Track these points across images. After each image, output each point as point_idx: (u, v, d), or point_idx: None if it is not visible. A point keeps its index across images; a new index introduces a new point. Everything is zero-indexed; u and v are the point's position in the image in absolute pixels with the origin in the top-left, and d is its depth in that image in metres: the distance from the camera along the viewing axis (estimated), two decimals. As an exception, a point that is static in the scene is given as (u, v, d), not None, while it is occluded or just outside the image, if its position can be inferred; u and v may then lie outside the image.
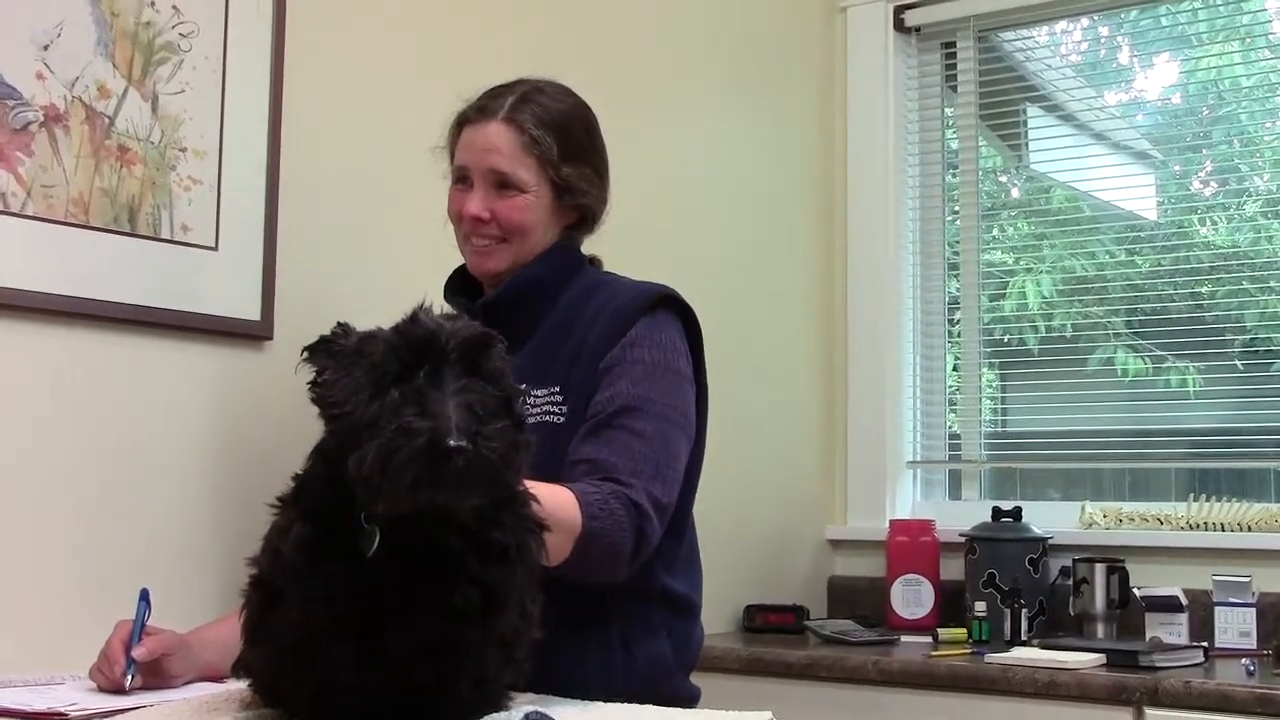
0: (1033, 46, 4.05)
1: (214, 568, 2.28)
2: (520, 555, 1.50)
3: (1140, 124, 4.00)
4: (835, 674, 3.06)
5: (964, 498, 3.89)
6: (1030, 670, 2.85)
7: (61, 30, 2.15)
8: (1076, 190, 4.02)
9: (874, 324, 3.91)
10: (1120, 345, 3.82)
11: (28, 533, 2.09)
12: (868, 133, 3.97)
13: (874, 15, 3.99)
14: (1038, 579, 3.43)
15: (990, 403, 4.01)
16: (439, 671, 1.47)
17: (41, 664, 2.04)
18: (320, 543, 1.45)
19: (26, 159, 2.09)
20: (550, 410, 2.04)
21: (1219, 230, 3.81)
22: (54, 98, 2.13)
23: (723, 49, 3.66)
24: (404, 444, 1.35)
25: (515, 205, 2.11)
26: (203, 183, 2.34)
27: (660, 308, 2.11)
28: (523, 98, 2.13)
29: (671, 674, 2.12)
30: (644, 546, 1.94)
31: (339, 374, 1.44)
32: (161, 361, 2.28)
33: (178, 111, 2.30)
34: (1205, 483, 3.59)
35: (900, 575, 3.62)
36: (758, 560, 3.67)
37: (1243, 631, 3.14)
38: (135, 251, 2.23)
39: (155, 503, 2.26)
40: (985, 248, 4.00)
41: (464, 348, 1.43)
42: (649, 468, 1.95)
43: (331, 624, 1.44)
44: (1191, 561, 3.36)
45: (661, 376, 2.03)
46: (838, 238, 3.99)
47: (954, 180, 4.01)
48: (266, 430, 2.38)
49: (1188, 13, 3.89)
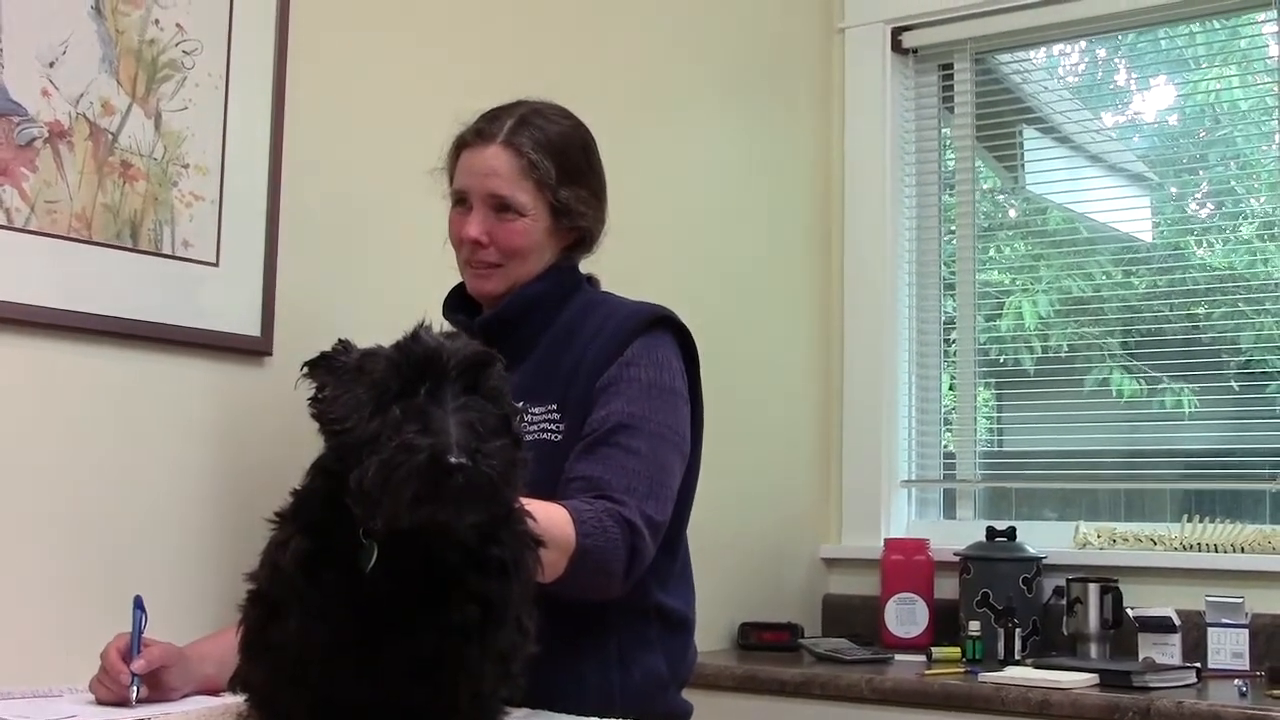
0: (1030, 68, 4.07)
1: (212, 582, 2.29)
2: (517, 570, 1.51)
3: (1137, 146, 4.01)
4: (829, 692, 3.07)
5: (959, 517, 3.90)
6: (1024, 690, 2.86)
7: (67, 48, 2.16)
8: (1073, 211, 4.04)
9: (870, 343, 3.92)
10: (1116, 366, 3.83)
11: (25, 545, 2.10)
12: (865, 153, 3.98)
13: (872, 36, 4.01)
14: (1031, 598, 3.44)
15: (985, 422, 4.03)
16: (436, 686, 1.48)
17: (39, 676, 2.04)
18: (319, 557, 1.46)
19: (31, 174, 2.11)
20: (547, 428, 2.04)
21: (1215, 252, 3.83)
22: (59, 114, 2.15)
23: (721, 70, 3.68)
24: (406, 460, 1.36)
25: (514, 229, 2.11)
26: (204, 199, 2.35)
27: (657, 327, 2.12)
28: (521, 120, 2.13)
29: (666, 690, 2.13)
30: (637, 564, 1.94)
31: (340, 390, 1.45)
32: (162, 376, 2.29)
33: (180, 128, 2.32)
34: (1199, 504, 3.59)
35: (894, 594, 3.63)
36: (752, 578, 3.68)
37: (1235, 653, 3.15)
38: (137, 267, 2.24)
39: (154, 517, 2.26)
40: (981, 268, 4.02)
41: (465, 366, 1.44)
42: (643, 486, 1.96)
43: (329, 638, 1.45)
44: (1185, 582, 3.37)
45: (657, 395, 2.04)
46: (835, 257, 4.00)
47: (951, 200, 4.02)
48: (265, 445, 2.38)
49: (1185, 36, 3.91)
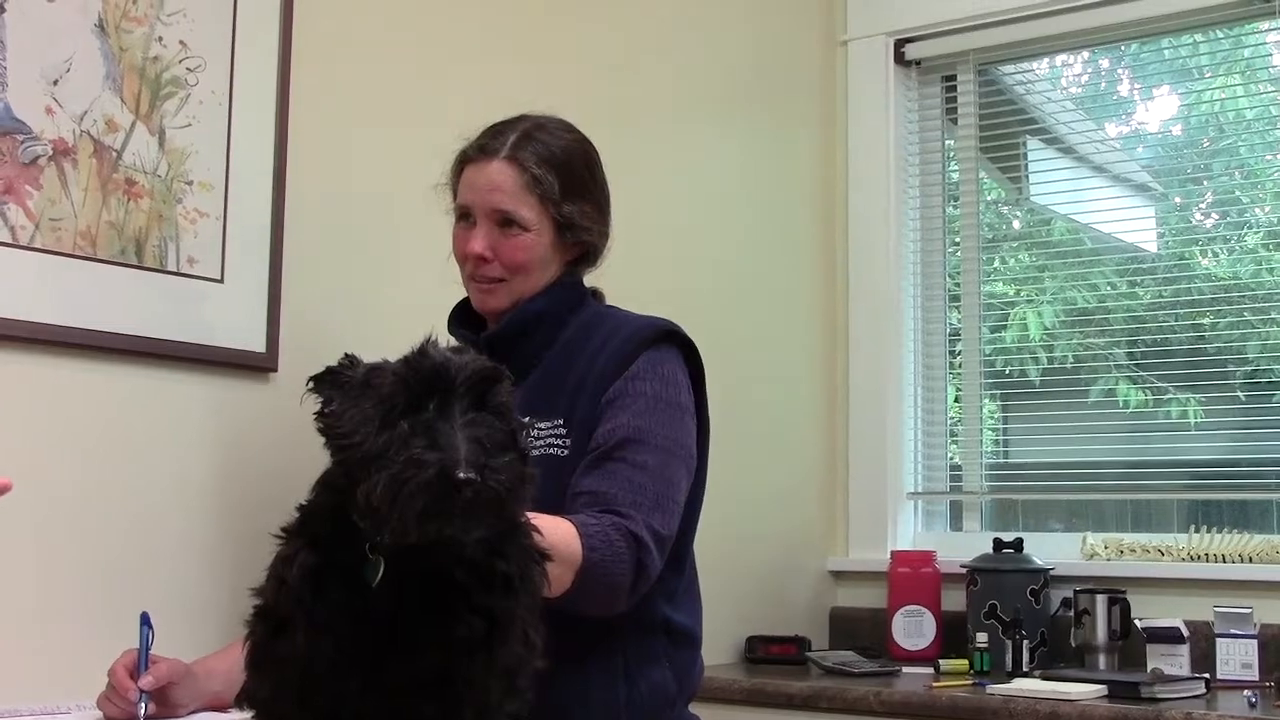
0: (1033, 79, 4.07)
1: (218, 598, 2.29)
2: (524, 584, 1.51)
3: (1141, 156, 4.01)
4: (836, 705, 3.06)
5: (965, 529, 3.89)
6: (1032, 701, 2.85)
7: (71, 65, 2.17)
8: (1077, 222, 4.04)
9: (875, 355, 3.92)
10: (1121, 376, 3.82)
11: (31, 562, 2.10)
12: (869, 165, 3.98)
13: (874, 48, 4.01)
14: (1039, 610, 3.44)
15: (991, 434, 4.02)
16: (442, 701, 1.47)
17: (46, 693, 2.04)
18: (325, 572, 1.46)
19: (35, 192, 2.11)
20: (554, 443, 2.04)
21: (1220, 262, 3.83)
22: (63, 132, 2.15)
23: (724, 82, 3.69)
24: (414, 475, 1.35)
25: (518, 244, 2.11)
26: (209, 215, 2.35)
27: (663, 341, 2.11)
28: (524, 135, 2.12)
29: (673, 704, 2.12)
30: (643, 579, 1.94)
31: (346, 405, 1.45)
32: (167, 393, 2.29)
33: (184, 145, 2.32)
34: (1207, 514, 3.59)
35: (901, 606, 3.62)
36: (759, 591, 3.67)
37: (1244, 663, 3.13)
38: (142, 284, 2.24)
39: (159, 533, 2.26)
40: (986, 279, 4.01)
41: (472, 381, 1.44)
42: (649, 500, 1.96)
43: (335, 653, 1.45)
44: (1193, 593, 3.36)
45: (663, 409, 2.04)
46: (839, 269, 4.00)
47: (955, 212, 4.02)
48: (271, 461, 2.38)
49: (1189, 45, 3.91)
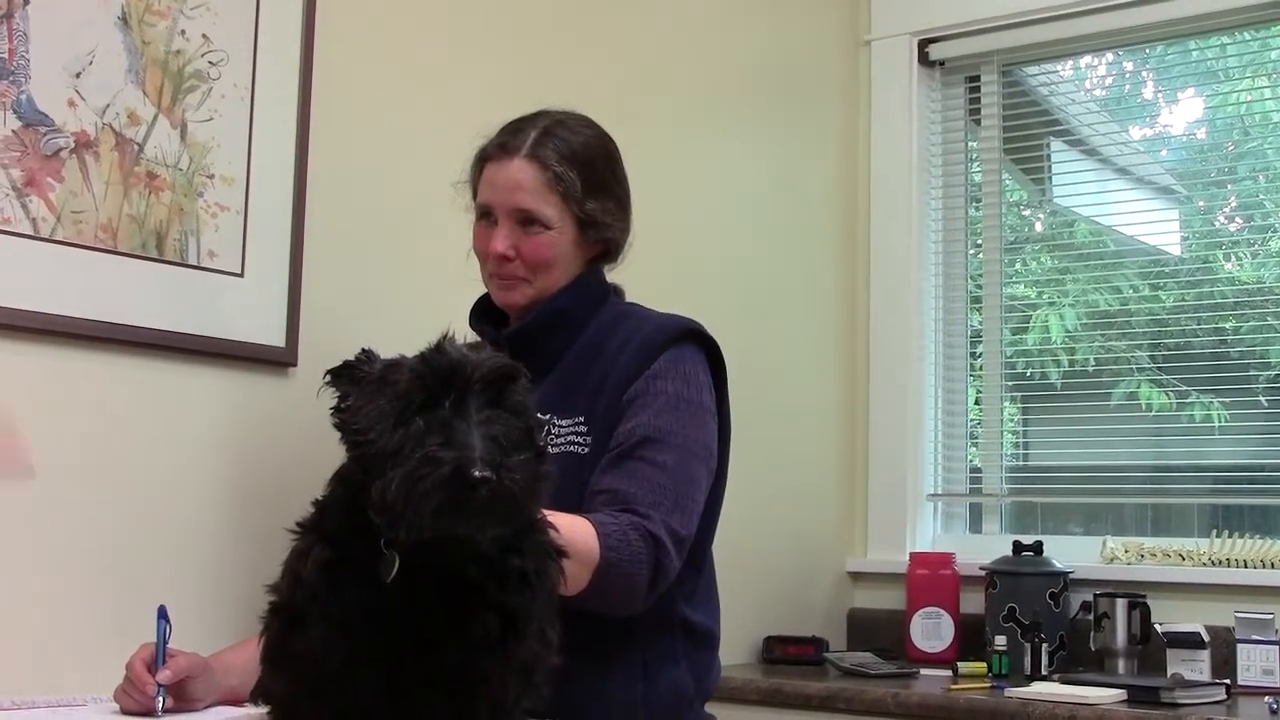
0: (1057, 81, 4.05)
1: (235, 592, 2.29)
2: (539, 581, 1.50)
3: (1165, 159, 3.99)
4: (854, 706, 3.05)
5: (985, 531, 3.88)
6: (1050, 705, 2.83)
7: (94, 58, 2.17)
8: (1100, 224, 4.02)
9: (896, 357, 3.91)
10: (1143, 380, 3.80)
11: (49, 555, 2.10)
12: (891, 166, 3.97)
13: (898, 49, 4.00)
14: (1058, 613, 3.42)
15: (1012, 436, 4.00)
16: (457, 697, 1.47)
17: (64, 686, 2.05)
18: (340, 567, 1.45)
19: (57, 185, 2.11)
20: (574, 441, 2.03)
21: (1243, 266, 3.80)
22: (85, 124, 2.15)
23: (748, 81, 3.68)
24: (429, 472, 1.35)
25: (540, 242, 2.10)
26: (229, 209, 2.35)
27: (685, 340, 2.10)
28: (545, 132, 2.11)
29: (690, 704, 2.11)
30: (661, 578, 1.93)
31: (363, 400, 1.44)
32: (186, 386, 2.29)
33: (206, 139, 2.32)
34: (1228, 519, 3.57)
35: (920, 608, 3.61)
36: (778, 591, 3.67)
37: (1265, 669, 3.11)
38: (162, 277, 2.25)
39: (177, 527, 2.27)
40: (1008, 281, 4.00)
41: (489, 379, 1.43)
42: (668, 500, 1.95)
43: (350, 649, 1.44)
44: (1214, 598, 3.34)
45: (684, 409, 2.03)
46: (860, 270, 3.99)
47: (977, 214, 4.00)
48: (288, 456, 2.38)
49: (1215, 48, 3.89)
